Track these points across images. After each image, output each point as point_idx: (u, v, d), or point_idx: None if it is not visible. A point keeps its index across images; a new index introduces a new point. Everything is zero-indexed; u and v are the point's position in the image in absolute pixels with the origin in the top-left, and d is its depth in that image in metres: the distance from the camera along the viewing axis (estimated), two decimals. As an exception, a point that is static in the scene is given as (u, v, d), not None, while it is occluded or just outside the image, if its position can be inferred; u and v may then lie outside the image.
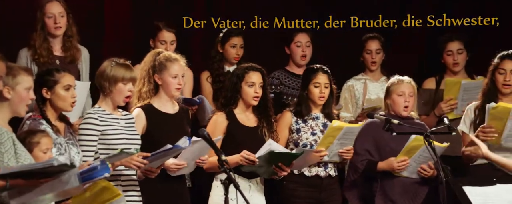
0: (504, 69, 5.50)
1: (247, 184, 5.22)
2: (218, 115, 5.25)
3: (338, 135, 5.29)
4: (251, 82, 5.23)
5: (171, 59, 5.05)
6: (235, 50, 6.31)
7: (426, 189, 5.53)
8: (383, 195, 5.52)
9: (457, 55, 6.44)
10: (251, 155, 5.05)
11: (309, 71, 5.62)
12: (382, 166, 5.48)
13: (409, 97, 5.52)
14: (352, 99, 6.48)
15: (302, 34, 6.42)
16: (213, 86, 6.25)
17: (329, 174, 5.53)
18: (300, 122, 5.55)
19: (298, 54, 6.42)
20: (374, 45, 6.49)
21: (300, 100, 5.57)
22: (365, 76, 6.54)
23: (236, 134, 5.20)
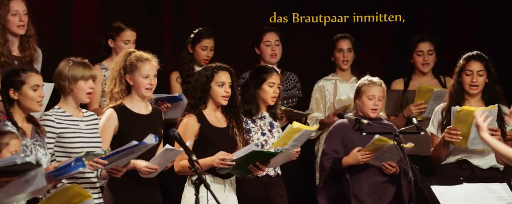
0: (470, 70, 5.55)
1: (222, 185, 5.21)
2: (189, 118, 5.22)
3: (294, 137, 5.31)
4: (221, 82, 5.22)
5: (142, 59, 5.02)
6: (206, 52, 6.30)
7: (394, 188, 5.56)
8: (353, 196, 5.55)
9: (427, 55, 6.50)
10: (228, 159, 5.04)
11: (261, 70, 5.60)
12: (347, 160, 5.50)
13: (379, 101, 5.55)
14: (323, 100, 6.51)
15: (271, 33, 6.43)
16: (183, 87, 6.22)
17: (278, 173, 5.57)
18: (249, 122, 5.54)
19: (268, 53, 6.43)
20: (345, 44, 6.53)
21: (249, 100, 5.54)
22: (335, 77, 6.57)
23: (208, 135, 5.18)
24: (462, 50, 5.69)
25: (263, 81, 5.52)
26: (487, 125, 5.31)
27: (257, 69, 5.68)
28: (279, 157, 5.23)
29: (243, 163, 5.08)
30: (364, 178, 5.53)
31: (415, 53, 6.52)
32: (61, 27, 6.49)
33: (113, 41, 6.04)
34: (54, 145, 4.68)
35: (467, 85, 5.54)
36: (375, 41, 7.17)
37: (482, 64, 5.55)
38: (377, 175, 5.54)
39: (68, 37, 6.50)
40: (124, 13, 6.51)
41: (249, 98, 5.52)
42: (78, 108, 4.83)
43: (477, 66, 5.54)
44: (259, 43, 6.46)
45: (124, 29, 6.01)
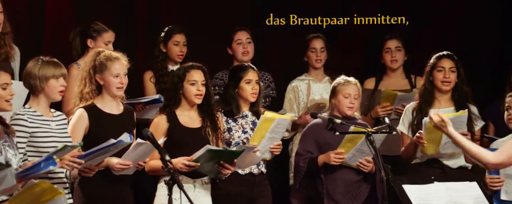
0: (443, 66, 5.63)
1: (192, 184, 5.21)
2: (159, 118, 5.22)
3: (270, 128, 5.31)
4: (193, 81, 5.22)
5: (112, 58, 5.00)
6: (179, 47, 6.29)
7: (368, 187, 5.61)
8: (327, 195, 5.58)
9: (395, 52, 6.56)
10: (191, 162, 5.03)
11: (238, 69, 5.62)
12: (322, 159, 5.54)
13: (354, 100, 5.59)
14: (296, 100, 6.54)
15: (242, 32, 6.44)
16: (157, 87, 6.22)
17: (262, 171, 5.58)
18: (230, 121, 5.56)
19: (240, 51, 6.44)
20: (318, 44, 6.56)
21: (229, 100, 5.56)
22: (308, 77, 6.60)
23: (177, 136, 5.18)
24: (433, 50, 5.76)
25: (240, 79, 5.53)
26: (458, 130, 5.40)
27: (233, 69, 5.70)
28: (247, 157, 5.22)
29: (208, 163, 5.08)
30: (338, 177, 5.56)
31: (383, 51, 6.57)
32: (33, 26, 6.45)
33: (93, 41, 6.01)
34: (26, 145, 4.65)
35: (439, 82, 5.62)
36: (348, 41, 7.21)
37: (453, 62, 5.63)
38: (351, 174, 5.58)
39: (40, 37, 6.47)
40: (96, 12, 6.50)
41: (229, 99, 5.54)
42: (48, 108, 4.81)
43: (449, 63, 5.63)
44: (231, 42, 6.47)
45: (106, 30, 5.99)
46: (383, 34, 6.74)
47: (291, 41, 6.90)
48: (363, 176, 5.60)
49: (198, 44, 6.54)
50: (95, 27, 5.99)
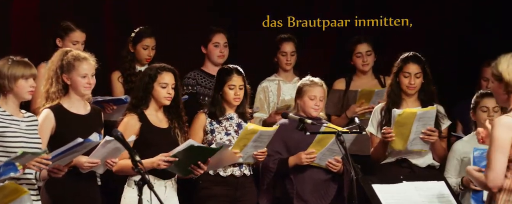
0: (408, 72, 5.67)
1: (163, 185, 5.20)
2: (130, 117, 5.20)
3: (252, 138, 5.34)
4: (164, 83, 5.21)
5: (80, 58, 4.97)
6: (147, 51, 6.28)
7: (336, 186, 5.64)
8: (296, 195, 5.60)
9: (366, 56, 6.58)
10: (169, 157, 5.02)
11: (223, 72, 5.63)
12: (293, 160, 5.56)
13: (320, 101, 5.62)
14: (267, 100, 6.54)
15: (220, 35, 6.43)
16: (125, 86, 6.20)
17: (244, 173, 5.58)
18: (214, 123, 5.57)
19: (216, 54, 6.43)
20: (289, 47, 6.56)
21: (214, 102, 5.58)
22: (278, 77, 6.61)
23: (149, 136, 5.17)
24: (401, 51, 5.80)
25: (224, 83, 5.54)
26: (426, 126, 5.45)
27: (219, 71, 5.69)
28: (220, 156, 5.22)
29: (185, 160, 5.07)
30: (307, 177, 5.59)
31: (354, 55, 6.60)
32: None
33: (62, 40, 5.98)
34: None
35: (404, 86, 5.66)
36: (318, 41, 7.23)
37: (419, 66, 5.67)
38: (320, 173, 5.61)
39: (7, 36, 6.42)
40: (65, 11, 6.46)
41: (214, 101, 5.56)
42: (18, 108, 4.77)
43: (414, 68, 5.66)
44: (207, 43, 6.46)
45: (74, 30, 5.96)
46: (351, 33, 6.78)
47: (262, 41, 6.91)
48: (331, 175, 5.63)
49: (169, 42, 6.53)
50: (63, 26, 5.96)
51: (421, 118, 5.45)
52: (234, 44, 6.59)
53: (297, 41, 6.60)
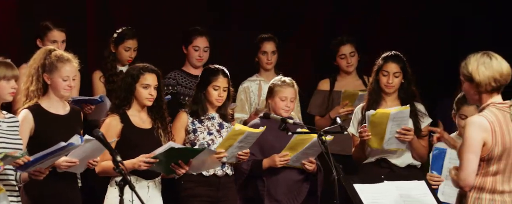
0: (387, 71, 5.68)
1: (146, 185, 5.19)
2: (112, 118, 5.18)
3: (239, 139, 5.34)
4: (146, 84, 5.19)
5: (63, 59, 4.93)
6: (129, 53, 6.26)
7: (308, 186, 5.67)
8: (269, 196, 5.62)
9: (350, 58, 6.60)
10: (150, 158, 5.02)
11: (209, 72, 5.61)
12: (267, 162, 5.58)
13: (291, 102, 5.64)
14: (248, 101, 6.55)
15: (202, 39, 6.40)
16: (107, 86, 6.18)
17: (226, 172, 5.58)
18: (196, 123, 5.57)
19: (195, 57, 6.42)
20: (269, 47, 6.57)
21: (196, 101, 5.57)
22: (259, 77, 6.61)
23: (131, 136, 5.15)
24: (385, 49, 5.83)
25: (208, 83, 5.53)
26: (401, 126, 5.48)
27: (205, 71, 5.68)
28: (203, 159, 5.21)
29: (167, 161, 5.07)
30: (281, 178, 5.61)
31: (338, 56, 6.61)
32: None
33: (41, 41, 5.96)
34: None
35: (383, 85, 5.68)
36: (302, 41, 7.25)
37: (399, 66, 5.68)
38: (293, 174, 5.64)
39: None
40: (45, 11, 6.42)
41: (196, 100, 5.55)
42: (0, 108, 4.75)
43: (394, 67, 5.67)
44: (188, 44, 6.45)
45: (51, 29, 5.93)
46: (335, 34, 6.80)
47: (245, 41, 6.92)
48: (304, 175, 5.66)
49: (150, 42, 6.51)
50: (41, 26, 5.94)
51: (395, 118, 5.48)
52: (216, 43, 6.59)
53: (278, 40, 6.61)
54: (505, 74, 4.18)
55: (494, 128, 4.15)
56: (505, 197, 4.19)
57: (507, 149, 4.16)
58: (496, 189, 4.19)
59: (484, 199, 4.19)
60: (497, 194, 4.19)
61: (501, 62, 4.18)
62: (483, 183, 4.20)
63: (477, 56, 4.21)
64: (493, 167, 4.18)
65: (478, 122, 4.16)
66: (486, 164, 4.19)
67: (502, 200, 4.19)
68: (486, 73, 4.16)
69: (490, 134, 4.14)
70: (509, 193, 4.20)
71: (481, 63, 4.17)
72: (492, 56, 4.20)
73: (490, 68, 4.15)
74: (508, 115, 4.18)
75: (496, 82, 4.17)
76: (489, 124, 4.15)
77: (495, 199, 4.19)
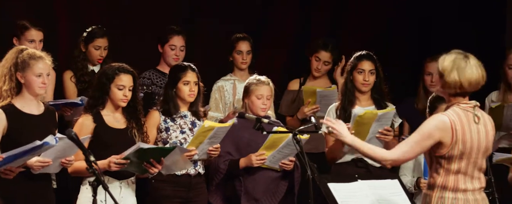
0: (362, 69, 5.72)
1: (118, 185, 5.16)
2: (85, 118, 5.14)
3: (209, 135, 5.33)
4: (121, 85, 5.16)
5: (35, 57, 4.89)
6: (99, 51, 6.23)
7: (286, 184, 5.68)
8: (247, 195, 5.61)
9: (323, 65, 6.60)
10: (120, 160, 4.99)
11: (177, 69, 5.60)
12: (244, 162, 5.58)
13: (267, 100, 5.64)
14: (222, 100, 6.53)
15: (178, 37, 6.38)
16: (78, 86, 6.14)
17: (199, 172, 5.57)
18: (168, 121, 5.55)
19: (171, 56, 6.40)
20: (244, 47, 6.56)
21: (167, 99, 5.55)
22: (233, 77, 6.60)
23: (104, 136, 5.12)
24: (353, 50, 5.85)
25: (178, 80, 5.50)
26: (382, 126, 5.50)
27: (173, 68, 5.67)
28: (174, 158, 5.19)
29: (138, 160, 5.04)
30: (258, 176, 5.61)
31: (313, 58, 6.60)
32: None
33: (18, 39, 5.92)
34: None
35: (359, 83, 5.72)
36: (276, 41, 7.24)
37: (373, 64, 5.73)
38: (270, 172, 5.64)
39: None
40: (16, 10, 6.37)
41: (167, 98, 5.51)
42: None
43: (368, 65, 5.72)
44: (164, 43, 6.42)
45: (29, 28, 5.89)
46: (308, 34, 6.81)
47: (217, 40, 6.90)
48: (282, 173, 5.67)
49: (123, 42, 6.48)
50: (19, 25, 5.91)
51: (381, 119, 5.51)
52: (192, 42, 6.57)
53: (252, 41, 6.60)
54: (474, 84, 4.19)
55: (455, 127, 4.18)
56: (468, 195, 4.23)
57: (468, 149, 4.20)
58: (459, 187, 4.22)
59: (447, 198, 4.23)
60: (460, 193, 4.22)
61: (475, 71, 4.18)
62: (446, 182, 4.23)
63: (456, 57, 4.22)
64: (454, 165, 4.21)
65: (439, 120, 4.19)
66: (447, 162, 4.22)
67: (465, 199, 4.22)
68: (456, 78, 4.18)
69: (450, 133, 4.17)
70: (472, 192, 4.23)
71: (456, 67, 4.18)
72: (469, 62, 4.19)
73: (461, 75, 4.16)
74: (471, 115, 4.21)
75: (462, 89, 4.20)
76: (450, 123, 4.18)
77: (458, 197, 4.22)
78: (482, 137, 4.21)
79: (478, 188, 4.25)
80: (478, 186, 4.25)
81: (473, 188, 4.23)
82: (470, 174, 4.22)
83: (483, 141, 4.22)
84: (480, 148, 4.22)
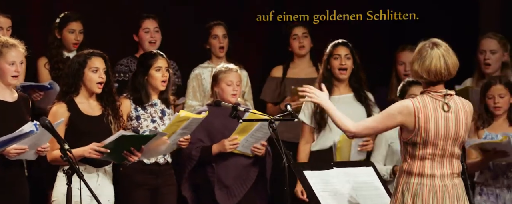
0: (338, 54, 5.76)
1: (95, 174, 5.14)
2: (58, 106, 5.10)
3: (182, 125, 5.32)
4: (94, 68, 5.12)
5: (8, 44, 4.85)
6: (74, 35, 6.18)
7: (257, 170, 5.70)
8: (219, 182, 5.63)
9: (303, 38, 6.62)
10: (101, 147, 4.97)
11: (147, 56, 5.58)
12: (217, 147, 5.59)
13: (237, 86, 5.65)
14: (200, 88, 6.52)
15: (150, 20, 6.37)
16: (52, 73, 6.09)
17: (167, 160, 5.57)
18: (139, 109, 5.53)
19: (147, 40, 6.38)
20: (220, 31, 6.55)
21: (138, 87, 5.52)
22: (211, 64, 6.58)
23: (79, 124, 5.08)
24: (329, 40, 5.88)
25: (149, 67, 5.48)
26: None
27: (142, 56, 5.64)
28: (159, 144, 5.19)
29: (118, 149, 5.03)
30: (230, 163, 5.63)
31: (291, 37, 6.61)
32: None
33: None
34: None
35: (336, 70, 5.77)
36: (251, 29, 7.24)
37: (348, 50, 5.77)
38: (242, 159, 5.67)
39: None
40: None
41: (138, 86, 5.49)
42: None
43: (344, 50, 5.77)
44: (137, 29, 6.40)
45: None
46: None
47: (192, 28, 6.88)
48: (253, 160, 5.69)
49: (99, 30, 6.43)
50: None
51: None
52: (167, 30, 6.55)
53: (227, 27, 6.59)
54: (433, 74, 4.21)
55: (417, 114, 4.22)
56: (435, 181, 4.25)
57: (431, 136, 4.22)
58: (424, 172, 4.25)
59: (412, 183, 4.26)
60: (426, 178, 4.25)
61: (435, 61, 4.19)
62: (411, 167, 4.26)
63: (422, 47, 4.25)
64: (419, 151, 4.24)
65: (403, 105, 4.25)
66: (412, 148, 4.26)
67: (432, 184, 4.24)
68: (415, 68, 4.22)
69: (412, 118, 4.21)
70: (440, 177, 4.26)
71: (419, 57, 4.22)
72: (431, 52, 4.20)
73: (421, 65, 4.21)
74: (441, 103, 4.23)
75: (424, 79, 4.24)
76: (414, 109, 4.22)
77: (424, 182, 4.24)
78: (450, 124, 4.24)
79: (449, 174, 4.27)
80: (449, 172, 4.27)
81: (441, 174, 4.25)
82: (438, 161, 4.25)
83: (452, 129, 4.24)
84: (448, 136, 4.24)
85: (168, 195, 5.56)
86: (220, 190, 5.65)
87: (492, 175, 5.57)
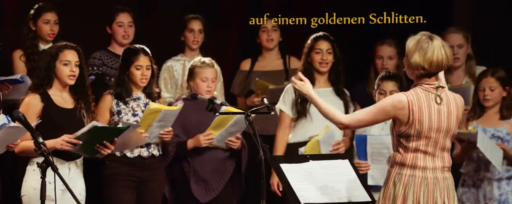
0: (320, 48, 5.76)
1: (67, 167, 5.09)
2: (32, 97, 5.04)
3: (157, 118, 5.29)
4: (66, 61, 5.07)
5: None
6: (49, 26, 6.11)
7: (233, 163, 5.70)
8: (195, 176, 5.61)
9: (272, 31, 6.60)
10: (73, 139, 4.93)
11: (129, 52, 5.55)
12: (192, 142, 5.58)
13: (212, 82, 5.63)
14: (171, 80, 6.49)
15: (124, 14, 6.31)
16: (27, 66, 6.01)
17: (152, 153, 5.54)
18: (121, 104, 5.50)
19: (120, 34, 6.32)
20: (196, 25, 6.51)
21: (120, 83, 5.50)
22: (184, 57, 6.55)
23: (53, 116, 5.03)
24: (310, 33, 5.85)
25: (130, 64, 5.46)
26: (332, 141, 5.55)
27: (125, 52, 5.60)
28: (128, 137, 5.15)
29: (90, 141, 4.98)
30: (206, 157, 5.63)
31: (260, 30, 6.58)
32: None
33: None
34: None
35: (317, 64, 5.77)
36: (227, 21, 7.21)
37: (330, 44, 5.76)
38: (218, 152, 5.67)
39: None
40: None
41: (120, 82, 5.47)
42: None
43: (326, 45, 5.76)
44: (111, 23, 6.34)
45: None
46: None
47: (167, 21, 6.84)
48: (229, 153, 5.68)
49: (73, 22, 6.37)
50: None
51: (324, 141, 5.58)
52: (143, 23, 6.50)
53: (204, 21, 6.55)
54: (435, 64, 4.26)
55: (411, 107, 4.26)
56: (427, 173, 4.30)
57: (425, 128, 4.27)
58: (417, 164, 4.30)
59: (404, 174, 4.30)
60: (418, 170, 4.29)
61: (437, 52, 4.25)
62: (404, 159, 4.31)
63: (420, 39, 4.29)
64: (412, 144, 4.29)
65: (397, 100, 4.29)
66: (405, 140, 4.30)
67: (424, 176, 4.29)
68: (417, 60, 4.25)
69: (407, 111, 4.26)
70: (432, 170, 4.30)
71: (419, 48, 4.26)
72: (432, 43, 4.26)
73: (422, 56, 4.25)
74: (433, 95, 4.26)
75: (425, 70, 4.28)
76: (408, 102, 4.26)
77: (416, 174, 4.29)
78: (442, 117, 4.28)
79: (440, 167, 4.32)
80: (440, 165, 4.32)
81: (433, 167, 4.30)
82: (430, 153, 4.29)
83: (444, 121, 4.29)
84: (440, 128, 4.29)
85: (154, 189, 5.54)
86: (197, 185, 5.64)
87: (474, 167, 5.63)
